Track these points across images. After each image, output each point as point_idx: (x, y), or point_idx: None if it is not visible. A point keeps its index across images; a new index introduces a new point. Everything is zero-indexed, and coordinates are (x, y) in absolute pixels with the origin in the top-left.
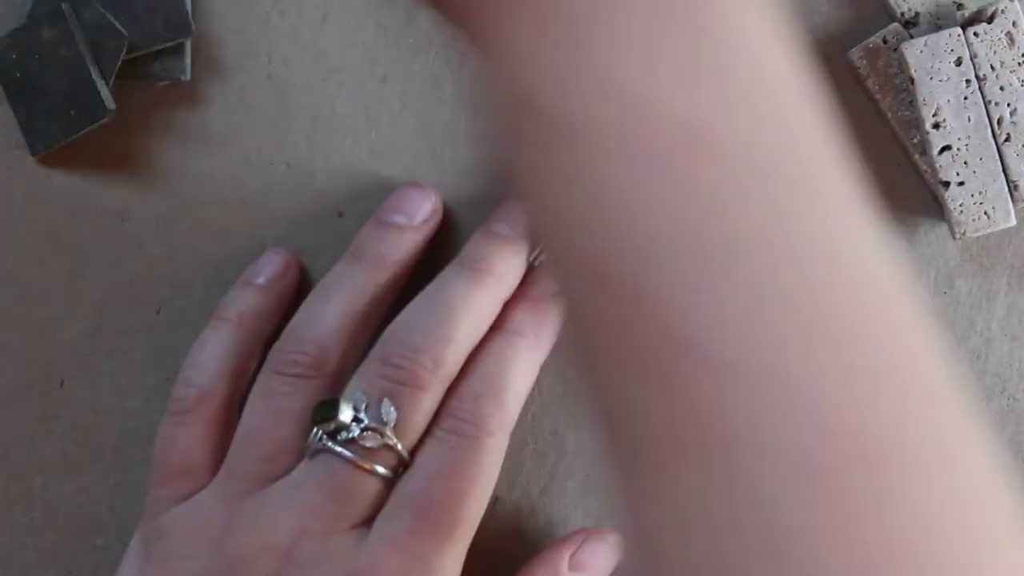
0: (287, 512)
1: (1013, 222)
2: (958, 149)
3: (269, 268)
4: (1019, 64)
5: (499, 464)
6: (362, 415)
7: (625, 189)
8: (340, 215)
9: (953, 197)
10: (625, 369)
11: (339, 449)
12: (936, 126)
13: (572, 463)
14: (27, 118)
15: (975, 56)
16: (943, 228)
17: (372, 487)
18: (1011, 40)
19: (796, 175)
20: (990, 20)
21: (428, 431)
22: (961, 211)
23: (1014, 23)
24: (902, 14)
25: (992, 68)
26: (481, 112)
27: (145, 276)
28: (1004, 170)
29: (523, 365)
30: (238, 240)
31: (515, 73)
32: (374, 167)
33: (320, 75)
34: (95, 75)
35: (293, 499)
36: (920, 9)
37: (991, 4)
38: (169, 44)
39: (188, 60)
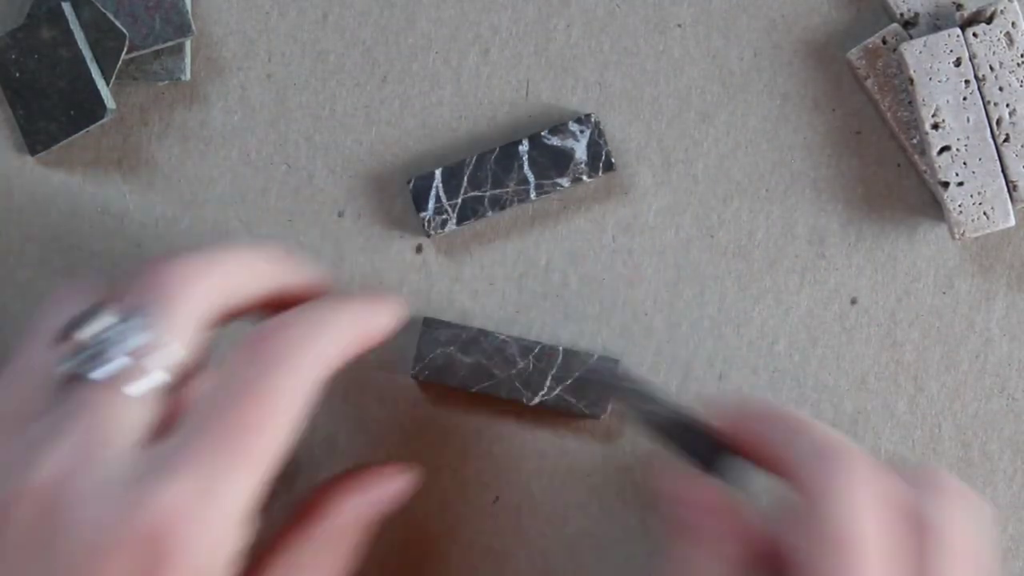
0: (45, 450)
1: (1012, 222)
2: (957, 150)
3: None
4: (1018, 64)
5: (304, 398)
6: (108, 331)
7: None
8: (340, 215)
9: (952, 197)
10: None
11: (80, 367)
12: (935, 126)
13: (572, 463)
14: (27, 118)
15: (974, 56)
16: (943, 228)
17: (129, 408)
18: (1010, 40)
19: None
20: (989, 20)
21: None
22: (960, 211)
23: (1013, 23)
24: (901, 15)
25: (991, 68)
26: None
27: None
28: (1003, 170)
29: (345, 323)
30: (238, 240)
31: None
32: (374, 167)
33: (320, 75)
34: (95, 75)
35: (50, 436)
36: (919, 10)
37: (990, 4)
38: (169, 44)
39: (188, 60)
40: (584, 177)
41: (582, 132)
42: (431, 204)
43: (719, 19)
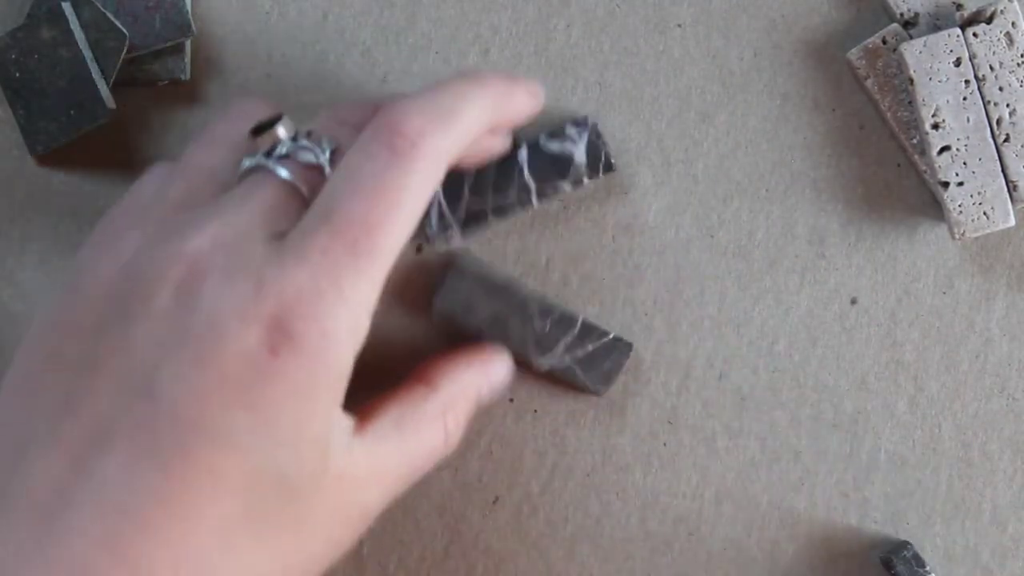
0: (202, 225)
1: (1012, 222)
2: (957, 150)
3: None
4: (1018, 64)
5: (430, 191)
6: (301, 138)
7: None
8: None
9: (952, 197)
10: None
11: (266, 161)
12: (935, 126)
13: (572, 463)
14: (27, 118)
15: (974, 56)
16: (943, 228)
17: (296, 203)
18: (1010, 40)
19: None
20: (989, 20)
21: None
22: (960, 211)
23: (1013, 23)
24: (901, 15)
25: (991, 68)
26: None
27: None
28: (1003, 170)
29: (478, 109)
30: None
31: None
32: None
33: (320, 75)
34: (95, 75)
35: (212, 214)
36: (919, 10)
37: (990, 4)
38: (169, 44)
39: (188, 60)
40: (585, 179)
41: (580, 135)
42: (434, 219)
43: (719, 19)
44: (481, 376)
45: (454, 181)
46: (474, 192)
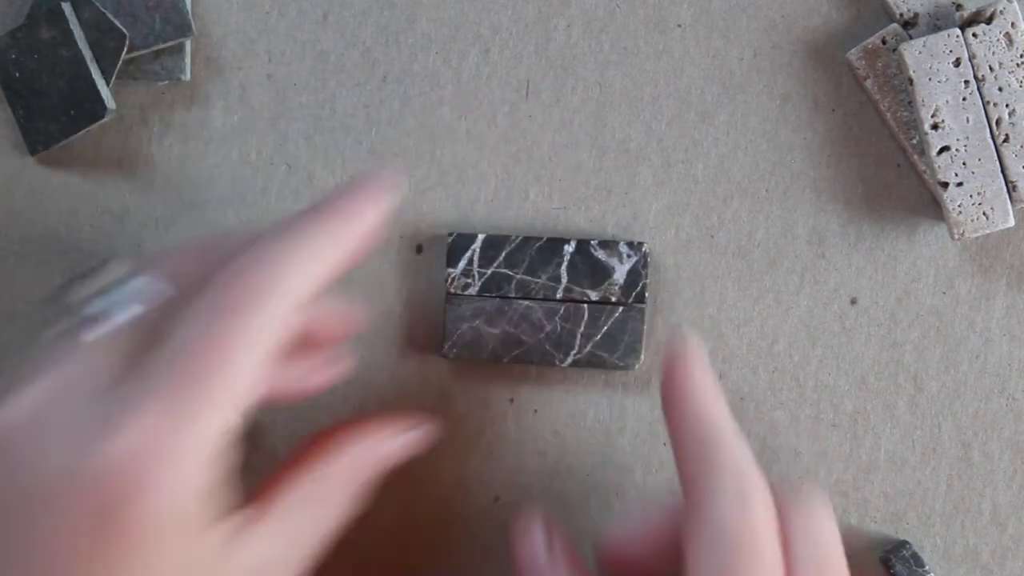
0: (19, 392)
1: (1012, 222)
2: (957, 150)
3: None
4: (1018, 65)
5: (266, 344)
6: (118, 287)
7: None
8: None
9: (952, 198)
10: None
11: (82, 315)
12: (935, 127)
13: (572, 463)
14: (27, 118)
15: (974, 57)
16: (942, 228)
17: (121, 351)
18: (1010, 41)
19: None
20: (989, 21)
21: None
22: (960, 212)
23: (1013, 24)
24: (901, 15)
25: (991, 69)
26: None
27: None
28: (1003, 171)
29: (316, 253)
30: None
31: None
32: (374, 167)
33: (320, 75)
34: (95, 75)
35: (49, 374)
36: (919, 10)
37: (990, 5)
38: (169, 44)
39: (188, 60)
40: (613, 299)
41: (628, 257)
42: (462, 264)
43: (719, 19)
44: (379, 446)
45: (496, 242)
46: (509, 260)
